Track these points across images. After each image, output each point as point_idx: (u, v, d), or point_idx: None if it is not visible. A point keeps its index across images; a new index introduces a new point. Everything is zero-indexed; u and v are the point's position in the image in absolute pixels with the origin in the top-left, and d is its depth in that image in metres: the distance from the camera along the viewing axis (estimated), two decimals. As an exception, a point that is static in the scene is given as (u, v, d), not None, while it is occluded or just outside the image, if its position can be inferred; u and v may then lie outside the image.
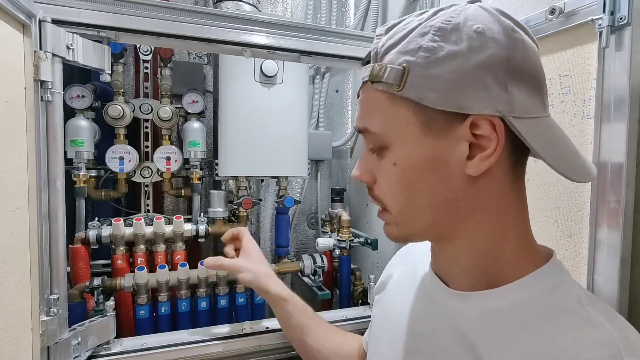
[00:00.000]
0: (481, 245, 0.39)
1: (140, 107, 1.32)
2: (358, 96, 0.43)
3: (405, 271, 0.54)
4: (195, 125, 1.27)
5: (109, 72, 0.88)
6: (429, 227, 0.40)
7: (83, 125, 1.13)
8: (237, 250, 0.88)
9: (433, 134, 0.36)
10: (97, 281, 1.06)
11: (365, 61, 0.41)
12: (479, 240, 0.39)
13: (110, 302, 0.90)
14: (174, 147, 1.28)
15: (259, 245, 1.62)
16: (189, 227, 1.24)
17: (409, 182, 0.38)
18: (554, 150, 0.36)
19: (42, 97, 0.74)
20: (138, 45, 1.37)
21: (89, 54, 0.82)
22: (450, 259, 0.43)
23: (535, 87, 0.36)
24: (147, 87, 1.41)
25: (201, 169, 1.31)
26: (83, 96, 1.16)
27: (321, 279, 1.37)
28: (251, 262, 0.82)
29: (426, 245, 0.50)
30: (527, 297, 0.37)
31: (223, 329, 0.94)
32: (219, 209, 1.29)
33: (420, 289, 0.48)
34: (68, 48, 0.78)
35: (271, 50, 0.94)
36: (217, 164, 1.35)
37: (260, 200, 1.55)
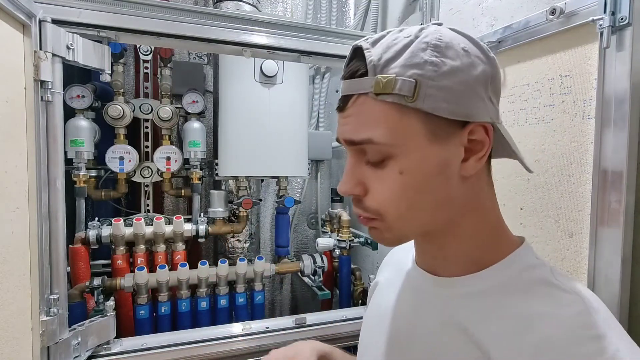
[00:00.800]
0: (468, 235, 0.44)
1: (140, 107, 1.32)
2: (341, 109, 0.41)
3: (390, 274, 0.57)
4: (195, 125, 1.27)
5: (109, 72, 0.88)
6: (426, 225, 0.43)
7: (83, 125, 1.13)
8: None
9: (438, 141, 0.39)
10: (97, 281, 1.07)
11: (355, 74, 0.40)
12: (467, 230, 0.44)
13: (110, 302, 0.90)
14: (174, 147, 1.28)
15: (259, 245, 1.63)
16: (189, 227, 1.24)
17: (417, 188, 0.40)
18: (516, 147, 0.44)
19: (42, 97, 0.74)
20: (138, 45, 1.37)
21: (89, 54, 0.82)
22: (438, 250, 0.46)
23: (499, 97, 0.43)
24: (147, 87, 1.41)
25: (201, 169, 1.31)
26: (83, 96, 1.16)
27: (321, 279, 1.37)
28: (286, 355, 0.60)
29: (408, 246, 0.53)
30: (506, 276, 0.42)
31: (223, 329, 0.94)
32: (219, 209, 1.29)
33: (406, 284, 0.51)
34: (68, 48, 0.78)
35: (271, 50, 0.94)
36: (217, 164, 1.35)
37: (260, 200, 1.55)
